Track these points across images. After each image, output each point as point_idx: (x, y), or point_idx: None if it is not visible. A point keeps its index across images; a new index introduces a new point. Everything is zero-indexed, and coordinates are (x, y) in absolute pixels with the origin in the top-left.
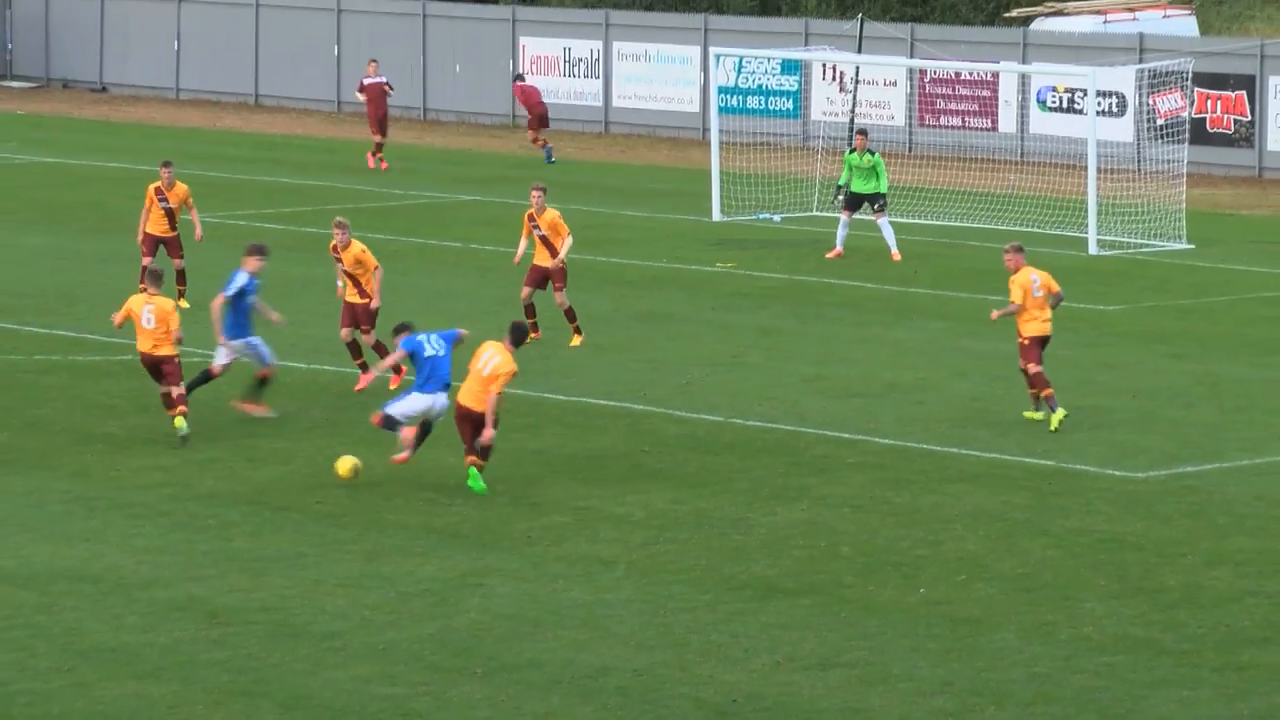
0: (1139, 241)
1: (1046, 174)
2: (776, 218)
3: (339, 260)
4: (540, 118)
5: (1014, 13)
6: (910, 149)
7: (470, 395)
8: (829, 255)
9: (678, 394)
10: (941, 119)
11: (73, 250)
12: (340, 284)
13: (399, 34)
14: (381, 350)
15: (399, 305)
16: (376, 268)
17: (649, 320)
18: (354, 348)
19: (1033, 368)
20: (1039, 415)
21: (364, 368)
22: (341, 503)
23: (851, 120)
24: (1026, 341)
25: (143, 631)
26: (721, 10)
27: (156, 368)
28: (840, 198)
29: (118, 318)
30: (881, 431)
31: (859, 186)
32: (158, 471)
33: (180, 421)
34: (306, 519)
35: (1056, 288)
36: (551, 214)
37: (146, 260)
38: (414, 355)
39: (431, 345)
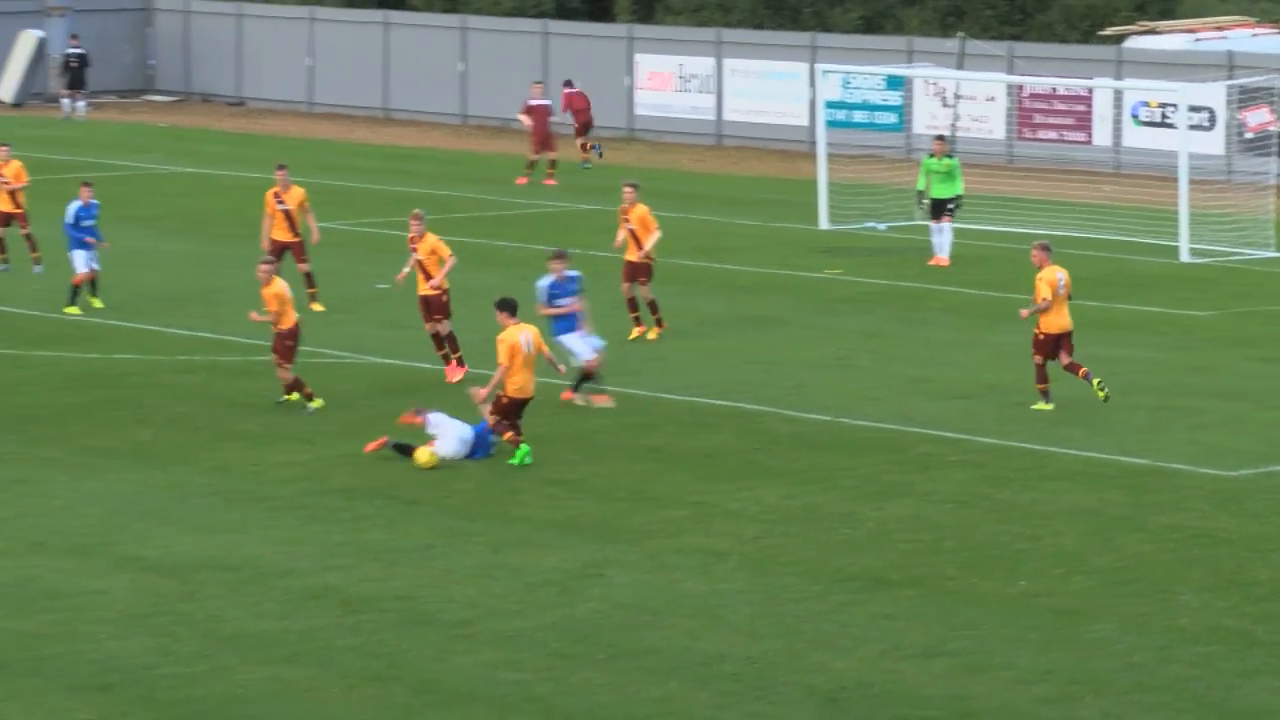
0: (1229, 250)
1: (1140, 185)
2: (881, 226)
3: (414, 251)
4: (586, 125)
5: (1109, 31)
6: (1010, 161)
7: (524, 386)
8: (930, 262)
9: (788, 394)
10: (1039, 133)
11: (213, 256)
12: (408, 270)
13: (521, 51)
14: (453, 341)
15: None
16: (451, 256)
17: (760, 324)
18: (437, 340)
19: (1038, 359)
20: (1049, 407)
21: (446, 359)
22: (469, 497)
23: (953, 133)
24: (1042, 336)
25: (280, 618)
26: (829, 29)
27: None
28: (924, 202)
29: (272, 310)
30: (982, 431)
31: (939, 191)
32: (295, 466)
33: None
34: (436, 512)
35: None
36: (641, 209)
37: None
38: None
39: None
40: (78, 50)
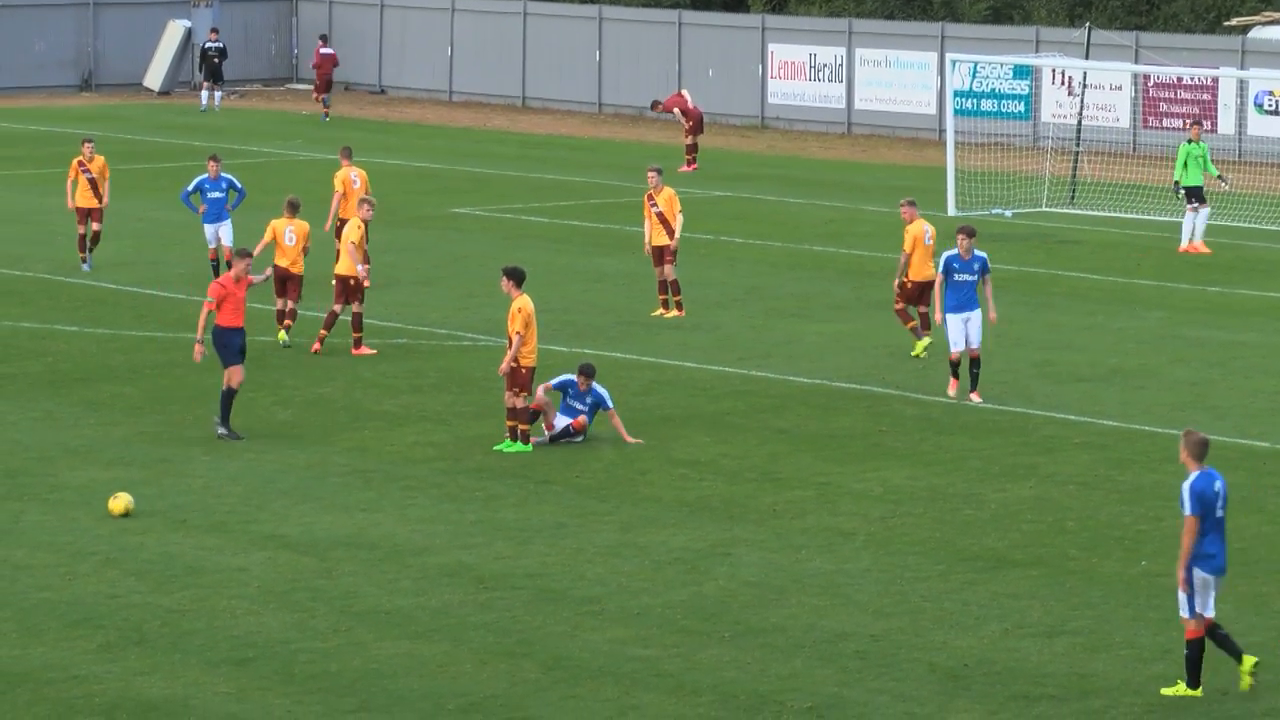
0: None
1: (1263, 173)
2: (1008, 213)
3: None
4: (327, 83)
5: (1233, 21)
6: (1134, 149)
7: (533, 354)
8: (1182, 249)
9: (914, 377)
10: (1164, 121)
11: None
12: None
13: (656, 40)
14: (358, 321)
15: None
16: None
17: (886, 308)
18: (332, 318)
19: (899, 305)
20: (928, 340)
21: (322, 341)
22: (600, 477)
23: (1079, 122)
24: (909, 284)
25: (415, 595)
26: (958, 19)
27: (285, 282)
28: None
29: (264, 240)
30: (1105, 414)
31: (1195, 178)
32: (430, 447)
33: (283, 335)
34: (568, 491)
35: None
36: (668, 192)
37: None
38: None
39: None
40: (217, 44)
